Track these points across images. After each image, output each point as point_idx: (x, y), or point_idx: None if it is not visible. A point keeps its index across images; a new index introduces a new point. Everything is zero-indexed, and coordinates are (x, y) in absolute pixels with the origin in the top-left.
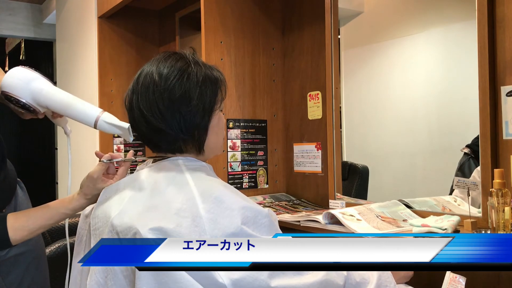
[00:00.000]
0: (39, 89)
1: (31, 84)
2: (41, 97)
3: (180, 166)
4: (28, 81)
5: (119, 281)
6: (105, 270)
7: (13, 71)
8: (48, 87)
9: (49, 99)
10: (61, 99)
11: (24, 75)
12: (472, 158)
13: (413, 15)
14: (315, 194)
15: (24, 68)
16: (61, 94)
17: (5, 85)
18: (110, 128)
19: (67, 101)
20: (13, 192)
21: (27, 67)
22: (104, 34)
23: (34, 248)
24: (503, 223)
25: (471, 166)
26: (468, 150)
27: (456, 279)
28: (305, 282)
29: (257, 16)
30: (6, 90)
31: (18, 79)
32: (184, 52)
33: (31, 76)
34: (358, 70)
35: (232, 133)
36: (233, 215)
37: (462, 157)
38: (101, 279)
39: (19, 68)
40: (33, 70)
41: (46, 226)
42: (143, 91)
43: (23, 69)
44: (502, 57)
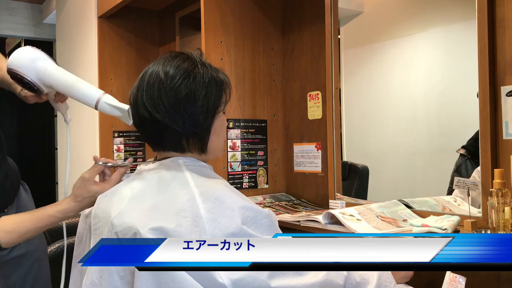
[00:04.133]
0: (44, 68)
1: (37, 63)
2: (45, 76)
3: (181, 166)
4: (34, 59)
5: (114, 281)
6: (100, 270)
7: (20, 50)
8: (53, 66)
9: (53, 79)
10: (65, 79)
11: (30, 54)
12: (469, 159)
13: (413, 15)
14: (315, 194)
15: (31, 47)
16: (65, 74)
17: (12, 63)
18: (111, 109)
19: (71, 81)
20: (15, 192)
21: (34, 47)
22: (104, 34)
23: (35, 250)
24: (503, 223)
25: (468, 167)
26: (464, 151)
27: (456, 279)
28: (305, 282)
29: (257, 16)
30: (12, 67)
31: (24, 58)
32: (191, 53)
33: (37, 56)
34: (358, 70)
35: (232, 133)
36: (233, 215)
37: (458, 158)
38: (96, 279)
39: (26, 47)
40: (40, 50)
41: (35, 229)
42: (148, 88)
43: (30, 48)
44: (502, 57)
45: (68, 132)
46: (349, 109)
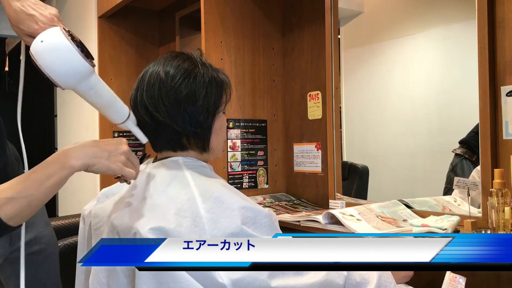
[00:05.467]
0: (88, 89)
1: (83, 81)
2: (84, 94)
3: (181, 166)
4: (82, 78)
5: (120, 280)
6: (107, 270)
7: (69, 56)
8: (97, 85)
9: (91, 98)
10: (105, 100)
11: (82, 70)
12: (465, 159)
13: (413, 15)
14: (315, 194)
15: (84, 60)
16: (106, 92)
17: (45, 64)
18: (136, 130)
19: (110, 102)
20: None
21: (84, 49)
22: (104, 34)
23: (47, 247)
24: (503, 223)
25: (464, 167)
26: (460, 151)
27: (456, 279)
28: (305, 282)
29: (257, 16)
30: (45, 69)
31: (71, 73)
32: (191, 53)
33: (88, 72)
34: (358, 70)
35: (232, 133)
36: (233, 215)
37: (453, 158)
38: (103, 279)
39: (79, 57)
40: (91, 59)
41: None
42: (148, 88)
43: (85, 63)
44: (502, 57)
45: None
46: (349, 109)
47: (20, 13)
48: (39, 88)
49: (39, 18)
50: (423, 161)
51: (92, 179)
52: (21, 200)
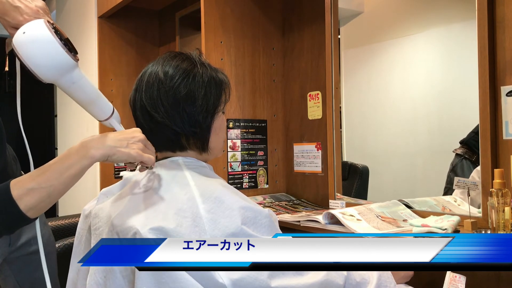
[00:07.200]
0: (70, 83)
1: (65, 75)
2: (66, 88)
3: (181, 166)
4: (64, 72)
5: (118, 281)
6: (104, 270)
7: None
8: (80, 80)
9: (74, 93)
10: (88, 96)
11: (63, 63)
12: (465, 158)
13: (413, 15)
14: (315, 194)
15: (66, 53)
16: (89, 88)
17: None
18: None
19: (93, 98)
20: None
21: (68, 43)
22: (104, 34)
23: (45, 246)
24: (503, 223)
25: (464, 167)
26: (460, 151)
27: (456, 278)
28: (305, 282)
29: (257, 16)
30: (26, 60)
31: (52, 66)
32: (190, 53)
33: (70, 66)
34: (358, 70)
35: (232, 133)
36: (233, 215)
37: (454, 158)
38: (101, 279)
39: (60, 50)
40: (74, 53)
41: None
42: (147, 88)
43: (66, 56)
44: (502, 57)
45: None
46: (349, 109)
47: (6, 4)
48: (39, 88)
49: (24, 10)
50: (423, 161)
51: (92, 179)
52: (41, 190)
